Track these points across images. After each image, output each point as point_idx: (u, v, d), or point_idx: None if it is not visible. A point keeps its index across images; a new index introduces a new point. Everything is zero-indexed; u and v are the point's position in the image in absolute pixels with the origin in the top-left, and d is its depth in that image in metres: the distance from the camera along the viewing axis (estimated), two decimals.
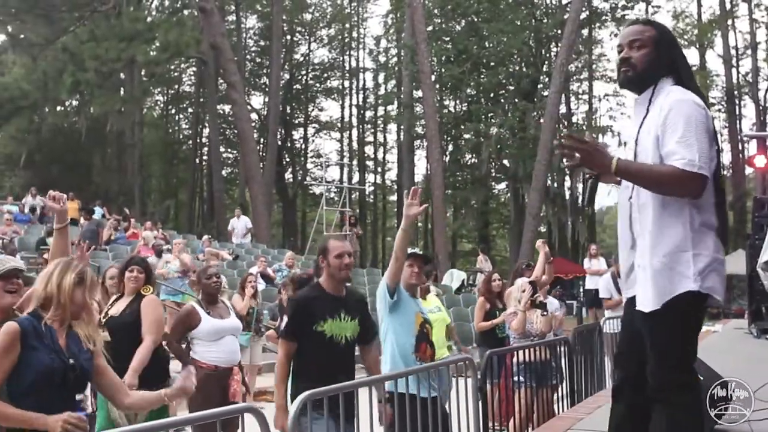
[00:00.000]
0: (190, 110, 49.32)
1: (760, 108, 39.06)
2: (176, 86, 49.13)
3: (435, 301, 7.50)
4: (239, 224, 23.34)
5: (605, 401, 5.86)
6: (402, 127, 38.91)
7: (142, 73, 37.03)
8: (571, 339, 7.52)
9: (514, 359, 6.87)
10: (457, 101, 38.71)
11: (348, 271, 4.81)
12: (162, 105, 51.00)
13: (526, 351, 6.77)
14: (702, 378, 4.30)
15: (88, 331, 3.65)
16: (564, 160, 3.23)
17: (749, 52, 39.60)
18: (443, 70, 35.40)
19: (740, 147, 37.21)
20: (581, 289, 23.01)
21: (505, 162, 35.46)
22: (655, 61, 3.26)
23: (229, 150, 46.89)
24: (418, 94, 34.08)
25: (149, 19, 32.59)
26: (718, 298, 3.21)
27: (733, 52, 39.34)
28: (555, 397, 7.20)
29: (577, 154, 3.12)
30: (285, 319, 4.64)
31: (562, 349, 7.33)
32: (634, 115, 3.40)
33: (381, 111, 47.78)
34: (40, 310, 3.53)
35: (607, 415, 3.51)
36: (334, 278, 4.75)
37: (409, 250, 5.49)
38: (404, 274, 5.31)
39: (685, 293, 3.07)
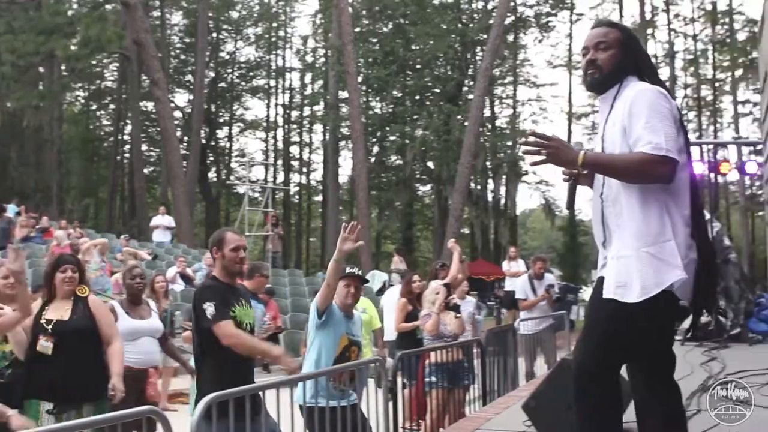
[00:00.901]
0: (111, 107, 48.25)
1: None
2: (98, 82, 48.05)
3: (364, 302, 7.53)
4: (164, 222, 22.94)
5: (515, 401, 5.96)
6: (327, 127, 38.84)
7: (62, 67, 36.16)
8: (484, 340, 7.61)
9: (428, 360, 6.91)
10: (383, 103, 38.84)
11: (242, 265, 4.80)
12: (83, 101, 49.81)
13: (440, 352, 6.82)
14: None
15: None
16: (529, 157, 3.16)
17: (667, 60, 40.72)
18: (370, 71, 35.50)
19: None
20: (501, 291, 23.28)
21: (430, 164, 35.76)
22: (621, 62, 3.27)
23: (151, 148, 46.05)
24: (344, 94, 34.07)
25: (70, 12, 31.78)
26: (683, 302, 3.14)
27: (652, 60, 40.40)
28: (468, 397, 7.27)
29: (543, 151, 3.08)
30: (205, 306, 4.43)
31: (476, 350, 7.40)
32: (600, 113, 3.39)
33: (307, 111, 47.56)
34: None
35: (516, 415, 3.56)
36: (228, 270, 4.69)
37: (347, 270, 5.58)
38: (340, 293, 5.46)
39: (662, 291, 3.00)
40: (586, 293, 35.00)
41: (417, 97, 36.13)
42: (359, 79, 31.68)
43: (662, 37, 41.24)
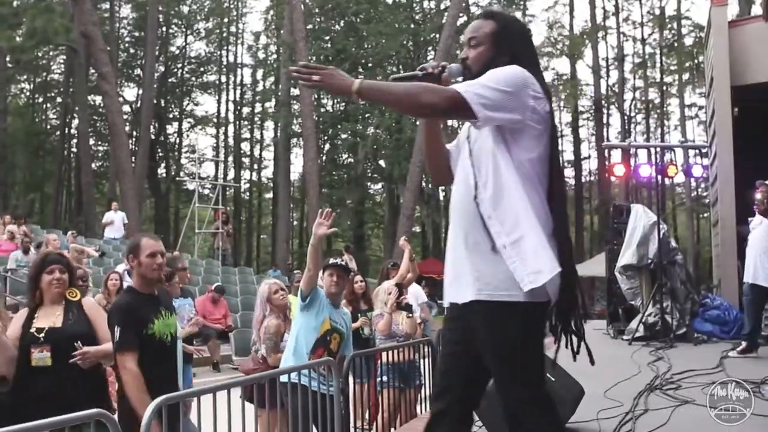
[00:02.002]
0: (58, 100, 47.42)
1: (625, 117, 40.81)
2: (44, 74, 47.14)
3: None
4: (117, 218, 22.51)
5: None
6: (279, 124, 38.66)
7: (7, 59, 35.44)
8: (435, 340, 7.61)
9: (380, 360, 6.92)
10: (335, 101, 38.78)
11: (160, 271, 4.55)
12: (28, 93, 48.84)
13: (392, 352, 6.82)
14: (554, 379, 4.45)
15: None
16: (300, 81, 2.85)
17: (617, 63, 41.36)
18: None
19: (606, 154, 38.73)
20: None
21: (381, 162, 35.80)
22: (493, 58, 2.96)
23: (99, 142, 45.41)
24: (296, 92, 33.92)
25: (16, 3, 31.13)
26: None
27: (602, 63, 40.97)
28: (419, 397, 7.28)
29: (315, 76, 2.79)
30: (114, 330, 4.26)
31: (426, 349, 7.41)
32: None
33: (258, 107, 47.32)
34: None
35: None
36: (146, 278, 4.49)
37: (330, 261, 5.82)
38: (325, 282, 5.69)
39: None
40: None
41: None
42: None
43: (612, 40, 41.89)
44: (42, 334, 4.32)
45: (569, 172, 44.79)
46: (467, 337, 2.93)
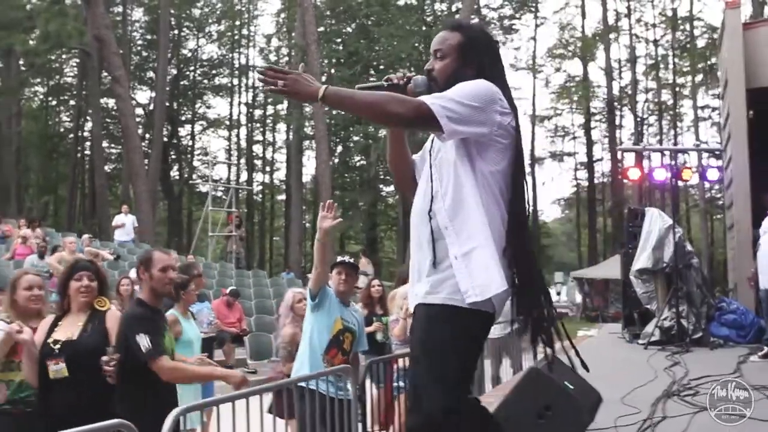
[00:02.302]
0: (71, 103, 47.63)
1: (638, 119, 40.68)
2: (57, 77, 47.36)
3: None
4: (127, 221, 22.55)
5: None
6: (291, 127, 38.71)
7: (21, 62, 35.62)
8: None
9: (396, 365, 6.91)
10: None
11: (171, 286, 4.59)
12: (42, 96, 49.08)
13: (408, 358, 6.81)
14: (572, 387, 4.43)
15: None
16: (264, 86, 2.80)
17: (629, 65, 41.26)
18: (334, 71, 35.43)
19: (620, 156, 38.67)
20: None
21: None
22: (457, 71, 2.94)
23: (112, 145, 45.56)
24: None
25: (29, 6, 31.29)
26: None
27: (615, 65, 40.88)
28: None
29: (280, 82, 2.73)
30: (138, 340, 4.24)
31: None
32: None
33: (270, 110, 47.39)
34: None
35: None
36: (156, 292, 4.50)
37: (338, 258, 5.75)
38: (334, 280, 5.61)
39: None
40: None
41: None
42: (323, 78, 31.60)
43: (625, 42, 41.77)
44: (57, 346, 4.20)
45: (582, 174, 44.75)
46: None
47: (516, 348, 10.24)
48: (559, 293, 34.97)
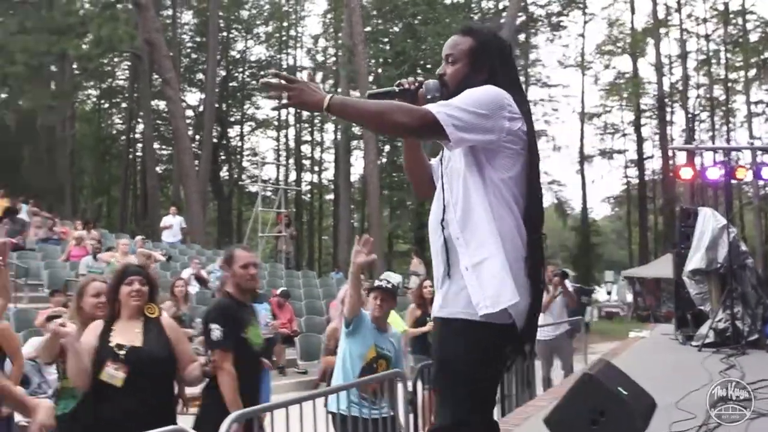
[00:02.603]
0: (123, 105, 48.46)
1: (689, 116, 40.08)
2: (109, 80, 48.21)
3: (397, 321, 7.60)
4: (175, 222, 22.84)
5: (534, 411, 5.96)
6: (339, 127, 38.87)
7: (74, 66, 36.25)
8: None
9: None
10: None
11: (254, 282, 4.76)
12: (94, 99, 50.00)
13: None
14: (626, 392, 4.40)
15: None
16: (270, 99, 2.77)
17: (680, 60, 40.64)
18: (381, 71, 35.47)
19: (671, 153, 38.14)
20: None
21: None
22: (469, 76, 2.92)
23: (163, 146, 46.21)
24: (356, 94, 34.06)
25: (82, 12, 31.86)
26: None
27: (665, 60, 40.31)
28: None
29: (285, 93, 2.72)
30: (212, 327, 4.49)
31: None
32: None
33: None
34: None
35: (536, 427, 3.51)
36: (240, 287, 4.70)
37: (376, 282, 5.64)
38: (370, 305, 5.51)
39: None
40: (600, 294, 35.08)
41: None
42: (370, 78, 31.67)
43: (675, 37, 41.15)
44: (123, 352, 4.08)
45: (632, 172, 44.22)
46: None
47: (567, 350, 10.20)
48: (609, 293, 34.66)
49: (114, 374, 4.03)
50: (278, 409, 4.17)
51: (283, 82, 2.72)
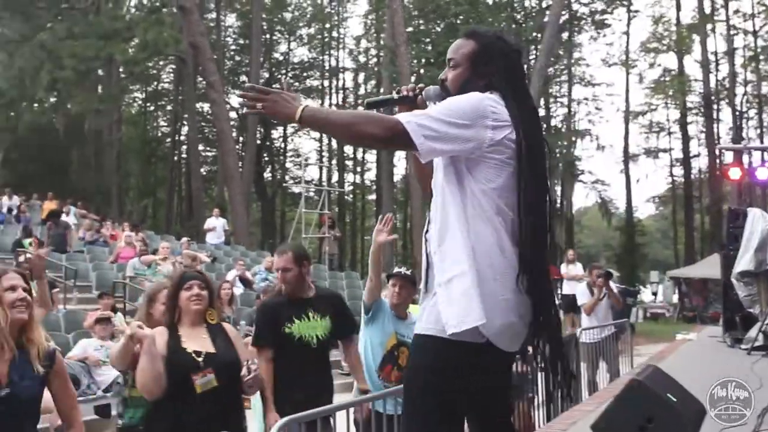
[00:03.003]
0: (168, 108, 49.06)
1: (737, 113, 39.44)
2: (155, 83, 48.83)
3: (417, 310, 7.54)
4: (218, 224, 23.06)
5: (580, 416, 5.92)
6: None
7: (120, 70, 36.79)
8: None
9: None
10: (435, 102, 38.71)
11: (284, 283, 4.88)
12: (140, 102, 50.70)
13: None
14: (675, 399, 4.35)
15: (39, 348, 3.36)
16: (245, 108, 2.77)
17: (727, 57, 39.99)
18: (423, 71, 35.42)
19: (718, 152, 37.57)
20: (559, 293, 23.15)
21: None
22: (470, 81, 2.82)
23: (207, 148, 46.71)
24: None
25: (128, 17, 32.36)
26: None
27: (711, 57, 39.70)
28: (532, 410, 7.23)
29: (259, 104, 2.70)
30: (254, 329, 4.73)
31: (539, 360, 7.33)
32: None
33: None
34: None
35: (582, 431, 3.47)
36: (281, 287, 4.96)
37: (395, 269, 5.58)
38: (389, 293, 5.43)
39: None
40: (645, 294, 34.68)
41: None
42: (412, 79, 31.65)
43: (722, 33, 40.50)
44: (201, 358, 3.99)
45: (678, 171, 43.64)
46: None
47: (612, 352, 10.11)
48: (654, 293, 34.23)
49: (206, 381, 3.94)
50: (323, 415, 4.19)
51: (258, 94, 2.72)
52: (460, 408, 2.80)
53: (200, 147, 42.67)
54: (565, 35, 37.84)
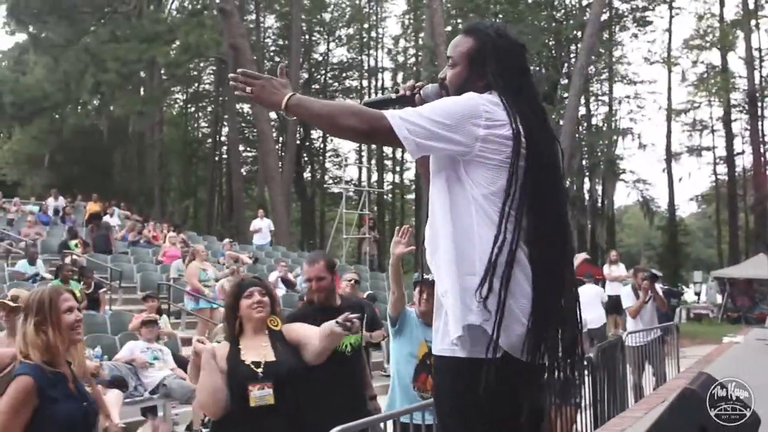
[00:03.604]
0: (209, 109, 49.51)
1: None
2: (195, 84, 49.31)
3: None
4: (263, 225, 23.20)
5: (629, 423, 5.86)
6: None
7: (162, 72, 37.19)
8: (594, 357, 7.47)
9: None
10: None
11: (316, 293, 4.76)
12: (181, 103, 51.24)
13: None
14: None
15: (80, 368, 3.39)
16: (235, 91, 2.70)
17: None
18: None
19: (762, 150, 37.03)
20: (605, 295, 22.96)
21: None
22: (468, 80, 2.69)
23: (248, 148, 47.06)
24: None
25: (169, 20, 32.71)
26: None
27: (755, 54, 39.08)
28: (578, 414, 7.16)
29: (249, 88, 2.66)
30: None
31: (586, 367, 7.28)
32: None
33: None
34: (42, 354, 3.23)
35: None
36: (311, 296, 4.84)
37: (421, 276, 5.46)
38: (415, 300, 5.37)
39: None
40: (688, 294, 34.26)
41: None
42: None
43: (766, 29, 39.86)
44: (260, 369, 3.77)
45: (722, 169, 43.04)
46: None
47: (658, 356, 9.99)
48: (698, 293, 33.79)
49: (262, 395, 3.75)
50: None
51: (248, 79, 2.67)
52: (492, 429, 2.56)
53: (240, 147, 42.99)
54: (605, 33, 37.50)
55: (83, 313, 4.26)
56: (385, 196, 47.70)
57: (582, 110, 35.94)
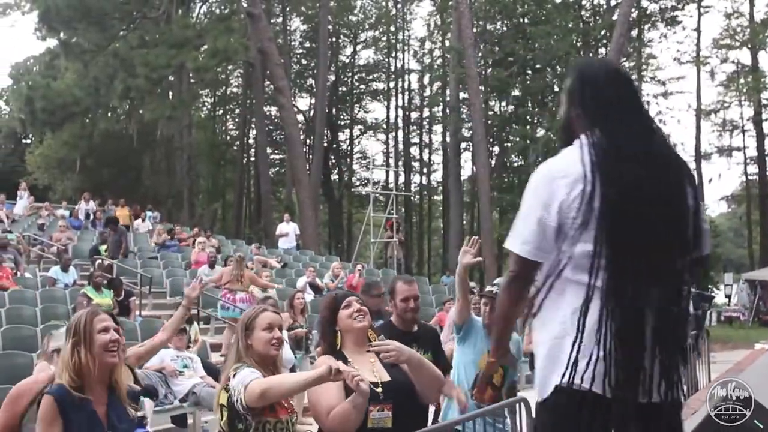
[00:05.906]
0: (237, 111, 49.78)
1: None
2: (223, 88, 49.60)
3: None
4: (289, 229, 23.27)
5: None
6: (448, 130, 38.81)
7: (191, 76, 37.43)
8: None
9: None
10: (503, 103, 38.55)
11: (413, 313, 4.87)
12: (209, 106, 51.56)
13: None
14: (761, 425, 4.23)
15: (121, 390, 3.38)
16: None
17: None
18: (489, 72, 35.27)
19: None
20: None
21: None
22: (567, 120, 2.70)
23: (275, 151, 47.26)
24: (464, 95, 33.98)
25: (198, 25, 32.91)
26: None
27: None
28: None
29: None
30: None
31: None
32: None
33: (426, 112, 47.77)
34: (72, 376, 3.24)
35: None
36: (400, 318, 4.91)
37: (487, 288, 5.62)
38: (481, 312, 5.47)
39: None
40: (719, 297, 33.91)
41: (538, 98, 35.68)
42: (478, 80, 31.52)
43: None
44: (379, 389, 3.49)
45: (752, 169, 42.56)
46: None
47: (690, 363, 9.89)
48: (728, 296, 33.44)
49: (381, 417, 3.48)
50: None
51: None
52: None
53: (268, 150, 43.17)
54: (634, 33, 37.21)
55: None
56: (412, 198, 47.68)
57: None
